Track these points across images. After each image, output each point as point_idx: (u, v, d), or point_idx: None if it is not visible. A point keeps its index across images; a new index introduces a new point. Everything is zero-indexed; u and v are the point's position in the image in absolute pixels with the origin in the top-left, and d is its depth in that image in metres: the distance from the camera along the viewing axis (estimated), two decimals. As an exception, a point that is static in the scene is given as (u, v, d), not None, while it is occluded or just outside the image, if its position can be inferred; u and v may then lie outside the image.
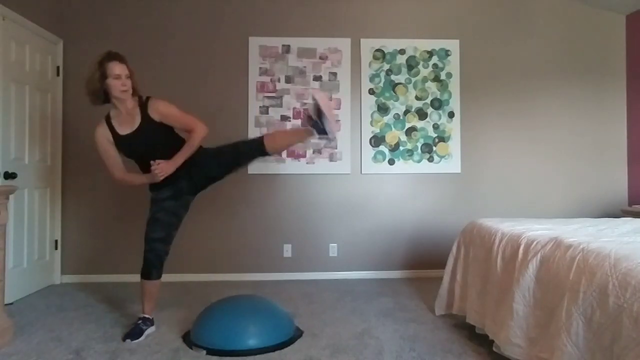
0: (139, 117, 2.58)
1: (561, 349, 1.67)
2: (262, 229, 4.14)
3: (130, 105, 2.60)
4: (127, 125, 2.59)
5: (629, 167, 4.36)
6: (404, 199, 4.23)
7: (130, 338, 2.53)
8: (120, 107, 2.58)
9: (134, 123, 2.58)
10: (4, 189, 2.45)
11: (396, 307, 3.19)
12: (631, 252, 1.66)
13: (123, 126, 2.59)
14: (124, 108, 2.59)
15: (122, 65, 2.52)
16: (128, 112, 2.59)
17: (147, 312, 2.70)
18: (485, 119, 4.29)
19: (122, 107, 2.58)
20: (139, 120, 2.58)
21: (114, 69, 2.48)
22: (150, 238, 2.63)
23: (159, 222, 2.64)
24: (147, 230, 2.64)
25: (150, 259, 2.62)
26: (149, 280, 2.64)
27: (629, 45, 4.36)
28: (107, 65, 2.48)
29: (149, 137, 2.59)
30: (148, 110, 2.59)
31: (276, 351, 2.38)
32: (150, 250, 2.62)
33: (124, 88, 2.51)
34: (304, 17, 4.20)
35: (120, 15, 4.10)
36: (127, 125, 2.59)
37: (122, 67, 2.51)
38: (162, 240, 2.64)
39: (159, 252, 2.64)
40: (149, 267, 2.62)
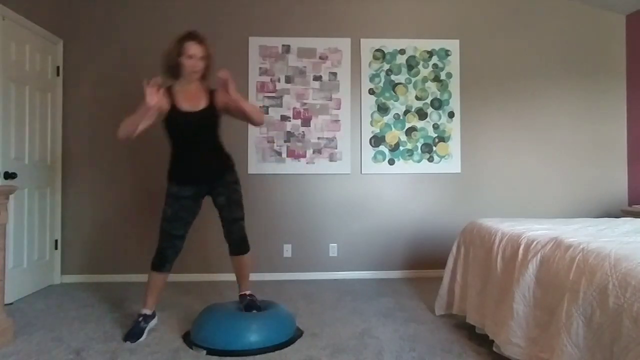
0: (206, 100, 2.61)
1: (561, 348, 1.67)
2: (262, 229, 4.14)
3: (197, 88, 2.62)
4: (190, 103, 2.59)
5: (629, 167, 4.36)
6: (404, 199, 4.23)
7: (131, 339, 2.52)
8: (186, 85, 2.60)
9: (198, 104, 2.60)
10: (4, 189, 2.45)
11: (396, 307, 3.19)
12: (631, 252, 1.66)
13: (186, 103, 2.59)
14: (190, 88, 2.61)
15: (199, 47, 2.53)
16: (193, 93, 2.61)
17: (150, 307, 2.68)
18: (485, 119, 4.29)
19: (189, 86, 2.60)
20: (205, 103, 2.61)
21: (189, 49, 2.51)
22: (172, 235, 2.62)
23: (182, 220, 2.64)
24: (168, 226, 2.62)
25: (168, 254, 2.62)
26: (160, 272, 2.64)
27: (629, 45, 4.36)
28: (184, 44, 2.52)
29: (206, 122, 2.62)
30: (215, 98, 2.63)
31: (276, 351, 2.38)
32: (171, 246, 2.63)
33: (194, 69, 2.54)
34: (304, 17, 4.20)
35: (121, 15, 4.10)
36: (190, 103, 2.59)
37: (197, 48, 2.53)
38: (182, 237, 2.67)
39: (178, 249, 2.66)
40: (164, 261, 2.62)
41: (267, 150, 4.12)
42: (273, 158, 4.13)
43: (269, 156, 4.13)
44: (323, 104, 4.17)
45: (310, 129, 4.16)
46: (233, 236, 2.75)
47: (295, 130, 4.15)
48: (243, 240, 2.78)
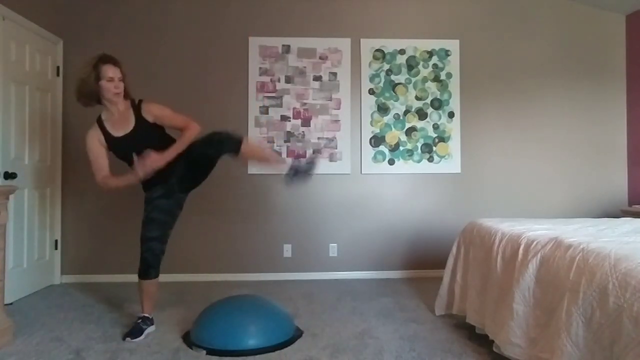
0: (133, 119, 2.61)
1: (561, 349, 1.67)
2: (262, 229, 4.14)
3: (123, 107, 2.62)
4: (121, 127, 2.60)
5: (629, 167, 4.36)
6: (404, 199, 4.23)
7: (130, 337, 2.54)
8: (112, 110, 2.60)
9: (127, 125, 2.60)
10: (4, 189, 2.45)
11: (396, 307, 3.19)
12: (631, 252, 1.66)
13: (116, 128, 2.60)
14: (116, 110, 2.61)
15: (116, 68, 2.54)
16: (120, 115, 2.61)
17: (147, 312, 2.70)
18: (485, 119, 4.29)
19: (114, 109, 2.60)
20: (134, 122, 2.60)
21: (107, 72, 2.51)
22: (146, 238, 2.63)
23: (154, 222, 2.65)
24: (143, 230, 2.65)
25: (147, 259, 2.62)
26: (146, 280, 2.65)
27: (629, 45, 4.36)
28: (101, 68, 2.51)
29: (144, 139, 2.60)
30: (142, 112, 2.62)
31: (276, 351, 2.38)
32: (148, 250, 2.62)
33: (116, 90, 2.54)
34: (304, 17, 4.20)
35: (120, 15, 4.10)
36: (120, 127, 2.60)
37: (115, 70, 2.54)
38: (158, 239, 2.65)
39: (156, 252, 2.64)
40: (147, 267, 2.63)
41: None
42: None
43: (269, 156, 4.12)
44: (323, 104, 4.17)
45: (310, 129, 4.16)
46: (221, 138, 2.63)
47: (295, 130, 4.15)
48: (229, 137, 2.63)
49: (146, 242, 2.63)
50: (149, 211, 2.68)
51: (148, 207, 2.69)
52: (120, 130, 2.60)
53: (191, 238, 4.06)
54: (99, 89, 2.52)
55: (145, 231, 2.64)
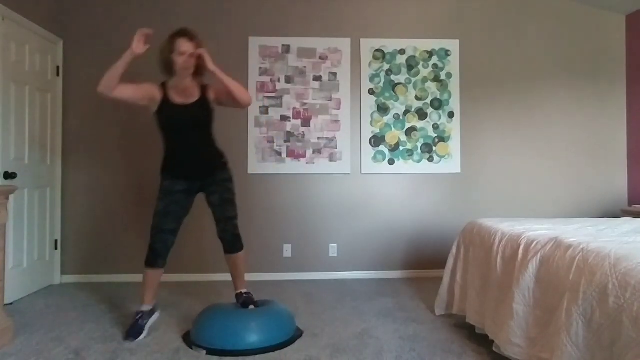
0: (198, 94, 2.65)
1: (561, 349, 1.67)
2: (262, 229, 4.14)
3: (190, 83, 2.64)
4: (183, 97, 2.63)
5: (629, 167, 4.36)
6: (404, 199, 4.23)
7: (131, 337, 2.53)
8: (179, 82, 2.62)
9: (190, 98, 2.64)
10: (4, 189, 2.45)
11: (396, 307, 3.19)
12: (631, 252, 1.66)
13: (178, 96, 2.63)
14: (182, 83, 2.63)
15: (190, 44, 2.54)
16: (186, 88, 2.64)
17: (149, 301, 2.68)
18: (485, 119, 4.29)
19: (180, 82, 2.62)
20: (197, 96, 2.65)
21: (180, 46, 2.52)
22: (162, 229, 2.63)
23: (171, 215, 2.65)
24: (159, 221, 2.63)
25: (159, 249, 2.63)
26: (153, 268, 2.64)
27: (629, 45, 4.36)
28: (176, 41, 2.53)
29: (198, 115, 2.65)
30: (207, 92, 2.68)
31: (276, 351, 2.38)
32: (160, 240, 2.63)
33: (185, 65, 2.55)
34: (304, 17, 4.20)
35: (120, 15, 4.09)
36: (182, 96, 2.63)
37: (189, 45, 2.54)
38: (172, 232, 2.66)
39: (169, 243, 2.66)
40: (156, 256, 2.63)
41: (267, 150, 4.12)
42: (273, 158, 4.13)
43: (269, 156, 4.13)
44: (323, 104, 4.17)
45: (310, 129, 4.16)
46: (226, 235, 2.76)
47: (295, 130, 4.15)
48: (236, 238, 2.79)
49: (160, 233, 2.63)
50: (167, 203, 2.65)
51: (167, 198, 2.66)
52: (181, 99, 2.63)
53: (191, 238, 4.06)
54: (173, 62, 2.55)
55: (162, 223, 2.63)
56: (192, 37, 2.57)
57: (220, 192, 2.73)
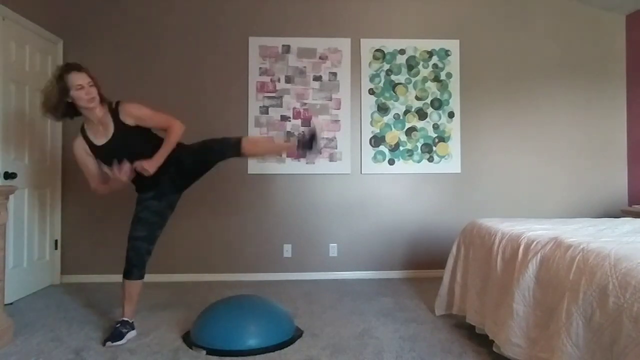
0: (112, 124, 2.52)
1: (561, 349, 1.67)
2: (262, 229, 4.14)
3: (101, 113, 2.52)
4: (102, 134, 2.54)
5: (629, 167, 4.36)
6: (404, 199, 4.23)
7: (111, 340, 2.46)
8: (91, 117, 2.51)
9: (108, 131, 2.53)
10: (4, 189, 2.45)
11: (396, 307, 3.19)
12: (631, 252, 1.66)
13: (98, 136, 2.54)
14: (94, 117, 2.51)
15: (82, 74, 2.43)
16: (100, 121, 2.52)
17: (129, 315, 2.62)
18: (485, 119, 4.29)
19: (92, 117, 2.51)
20: (113, 128, 2.52)
21: (75, 80, 2.40)
22: (132, 236, 2.60)
23: (141, 221, 2.62)
24: (131, 229, 2.62)
25: (131, 257, 2.58)
26: (129, 280, 2.59)
27: (629, 45, 4.36)
28: (66, 78, 2.40)
29: (127, 143, 2.54)
30: (120, 116, 2.53)
31: (276, 351, 2.38)
32: (132, 248, 2.59)
33: (89, 96, 2.43)
34: (304, 17, 4.20)
35: (120, 15, 4.09)
36: (101, 134, 2.54)
37: (82, 76, 2.43)
38: (144, 238, 2.60)
39: (141, 251, 2.59)
40: (130, 266, 2.58)
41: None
42: (273, 158, 4.12)
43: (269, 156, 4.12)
44: (323, 104, 4.17)
45: (310, 129, 4.15)
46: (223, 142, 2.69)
47: (295, 130, 4.14)
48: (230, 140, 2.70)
49: (132, 241, 2.60)
50: (138, 211, 2.66)
51: (138, 207, 2.67)
52: (102, 137, 2.53)
53: (191, 238, 4.06)
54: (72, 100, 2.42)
55: (132, 230, 2.61)
56: (80, 68, 2.46)
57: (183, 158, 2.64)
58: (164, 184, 2.67)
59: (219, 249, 4.11)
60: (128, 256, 2.60)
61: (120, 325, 2.57)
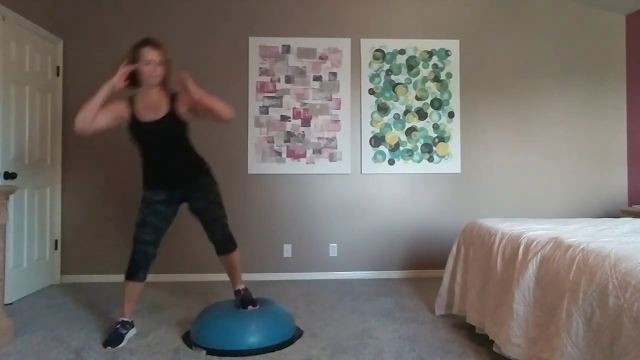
0: (167, 107, 2.56)
1: (561, 349, 1.67)
2: (262, 229, 4.14)
3: (157, 95, 2.56)
4: (151, 112, 2.55)
5: (629, 167, 4.36)
6: (404, 199, 4.23)
7: (111, 345, 2.46)
8: (148, 93, 2.55)
9: (158, 112, 2.54)
10: (4, 189, 2.45)
11: (396, 307, 3.19)
12: (631, 252, 1.66)
13: (147, 112, 2.55)
14: (151, 95, 2.55)
15: (156, 52, 2.50)
16: (154, 100, 2.55)
17: (128, 315, 2.62)
18: (485, 119, 4.29)
19: (148, 94, 2.55)
20: (166, 110, 2.55)
21: (146, 54, 2.48)
22: (141, 240, 2.58)
23: (150, 225, 2.60)
24: (138, 232, 2.59)
25: (138, 260, 2.57)
26: (134, 281, 2.58)
27: (629, 45, 4.36)
28: (140, 50, 2.48)
29: (170, 130, 2.57)
30: (176, 104, 2.57)
31: (276, 351, 2.38)
32: (139, 252, 2.57)
33: (152, 74, 2.49)
34: (304, 17, 4.20)
35: (120, 15, 4.09)
36: (150, 112, 2.55)
37: (155, 53, 2.49)
38: (152, 243, 2.59)
39: (148, 255, 2.59)
40: (136, 268, 2.57)
41: (267, 150, 4.12)
42: (273, 158, 4.13)
43: (269, 156, 4.13)
44: (323, 104, 4.17)
45: (310, 129, 4.16)
46: (216, 236, 2.71)
47: (295, 130, 4.15)
48: (228, 238, 2.73)
49: (140, 244, 2.58)
50: (146, 214, 2.62)
51: (146, 209, 2.63)
52: (149, 115, 2.54)
53: (191, 238, 4.06)
54: (138, 72, 2.48)
55: (140, 234, 2.59)
56: (157, 45, 2.52)
57: (205, 196, 2.67)
58: (177, 193, 2.66)
59: (219, 249, 4.11)
60: (134, 259, 2.57)
61: (120, 326, 2.57)
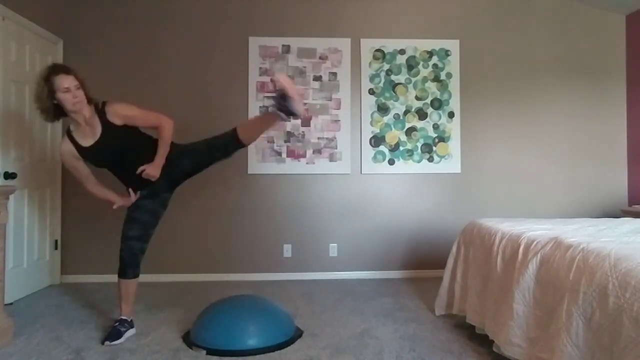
0: (99, 125, 2.49)
1: (561, 349, 1.67)
2: (262, 229, 4.14)
3: (88, 114, 2.48)
4: (89, 136, 2.50)
5: (629, 167, 4.36)
6: (404, 199, 4.23)
7: (109, 340, 2.47)
8: (78, 119, 2.48)
9: (95, 133, 2.49)
10: (4, 189, 2.45)
11: (396, 307, 3.19)
12: (631, 252, 1.66)
13: (86, 138, 2.51)
14: (82, 119, 2.48)
15: (69, 77, 2.40)
16: (87, 123, 2.49)
17: (126, 314, 2.64)
18: (485, 119, 4.29)
19: (79, 118, 2.48)
20: (100, 129, 2.49)
21: (61, 83, 2.37)
22: (126, 236, 2.59)
23: (135, 221, 2.61)
24: (124, 228, 2.61)
25: (125, 257, 2.58)
26: (125, 279, 2.60)
27: (629, 45, 4.36)
28: (53, 80, 2.37)
29: (115, 143, 2.52)
30: (107, 117, 2.49)
31: (276, 351, 2.38)
32: (126, 248, 2.58)
33: (75, 100, 2.40)
34: (304, 17, 4.20)
35: (120, 15, 4.09)
36: (89, 136, 2.51)
37: (69, 79, 2.39)
38: (137, 238, 2.60)
39: (135, 251, 2.60)
40: (125, 266, 2.59)
41: (267, 150, 4.12)
42: (273, 158, 4.13)
43: (269, 156, 4.13)
44: (323, 104, 4.17)
45: (310, 129, 4.16)
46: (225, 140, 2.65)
47: (295, 130, 4.15)
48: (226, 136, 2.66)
49: (126, 241, 2.59)
50: (131, 210, 2.65)
51: (131, 206, 2.66)
52: (89, 139, 2.50)
53: (191, 238, 4.06)
54: (58, 102, 2.40)
55: (125, 230, 2.60)
56: (68, 70, 2.43)
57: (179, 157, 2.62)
58: (159, 182, 2.65)
59: (219, 249, 4.11)
60: (122, 256, 2.59)
61: (118, 324, 2.58)
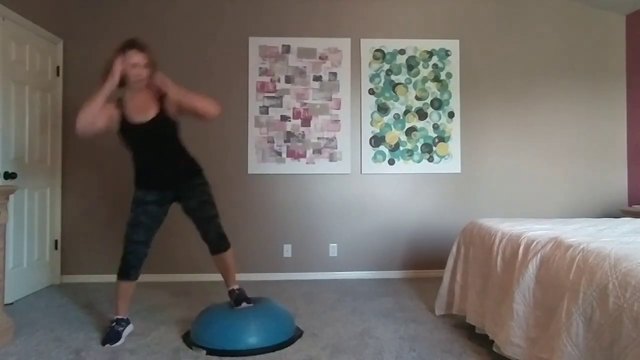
0: (155, 108, 2.56)
1: (561, 349, 1.67)
2: (262, 229, 4.14)
3: (145, 96, 2.57)
4: (141, 114, 2.54)
5: (629, 167, 4.36)
6: (404, 199, 4.23)
7: (109, 342, 2.47)
8: (135, 95, 2.56)
9: (147, 113, 2.54)
10: (4, 189, 2.45)
11: (396, 307, 3.19)
12: (631, 252, 1.66)
13: (136, 114, 2.54)
14: (139, 97, 2.56)
15: (141, 55, 2.49)
16: (142, 102, 2.56)
17: (122, 313, 2.63)
18: (485, 119, 4.29)
19: (137, 95, 2.56)
20: (155, 112, 2.55)
21: (131, 57, 2.47)
22: (133, 240, 2.58)
23: (142, 225, 2.59)
24: (129, 232, 2.59)
25: (131, 260, 2.57)
26: (127, 280, 2.59)
27: (629, 45, 4.36)
28: (126, 52, 2.48)
29: (160, 131, 2.57)
30: (165, 104, 2.57)
31: (276, 351, 2.38)
32: (132, 252, 2.57)
33: (138, 77, 2.50)
34: (304, 17, 4.20)
35: (120, 15, 4.09)
36: (140, 114, 2.54)
37: (140, 56, 2.49)
38: (144, 243, 2.60)
39: (140, 255, 2.59)
40: (128, 268, 2.57)
41: (267, 150, 4.12)
42: (273, 158, 4.13)
43: (269, 156, 4.13)
44: (323, 104, 4.17)
45: (310, 129, 4.16)
46: (210, 235, 2.70)
47: (295, 130, 4.15)
48: (221, 237, 2.73)
49: (132, 244, 2.57)
50: (138, 213, 2.60)
51: (138, 208, 2.61)
52: (138, 116, 2.53)
53: (191, 238, 4.05)
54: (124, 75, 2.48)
55: (132, 233, 2.58)
56: (142, 47, 2.51)
57: (197, 195, 2.66)
58: (169, 193, 2.66)
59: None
60: (127, 259, 2.57)
61: (115, 324, 2.57)
